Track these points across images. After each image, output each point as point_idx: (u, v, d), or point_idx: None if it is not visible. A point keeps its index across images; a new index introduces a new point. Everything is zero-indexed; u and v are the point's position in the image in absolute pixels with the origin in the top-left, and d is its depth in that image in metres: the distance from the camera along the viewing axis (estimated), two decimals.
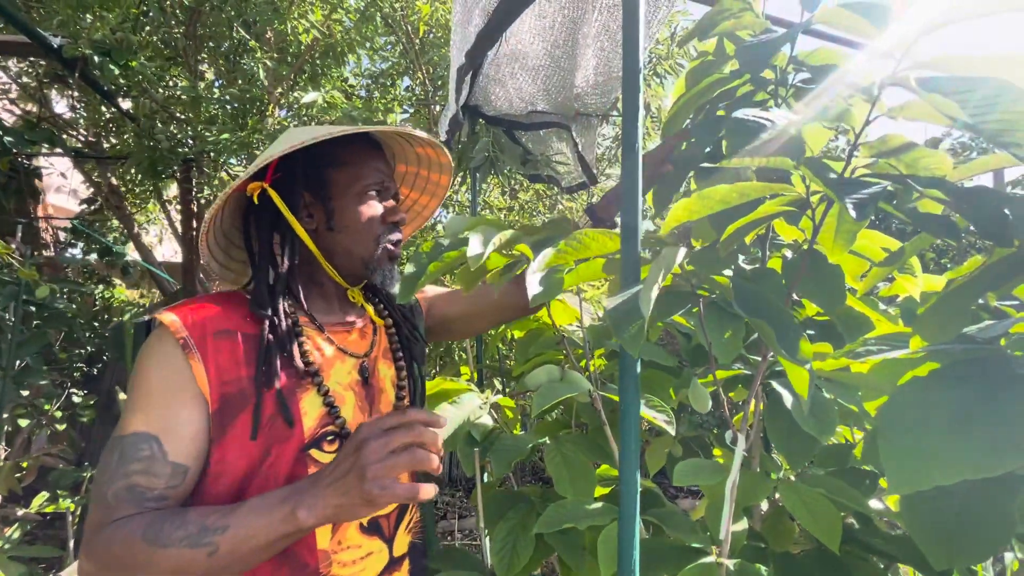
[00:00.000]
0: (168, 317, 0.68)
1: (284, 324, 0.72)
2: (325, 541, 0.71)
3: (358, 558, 0.73)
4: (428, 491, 0.58)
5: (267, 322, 0.70)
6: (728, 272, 0.82)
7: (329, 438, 0.72)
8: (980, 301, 0.75)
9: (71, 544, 1.89)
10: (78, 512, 1.89)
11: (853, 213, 0.34)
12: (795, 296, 0.91)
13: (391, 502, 0.57)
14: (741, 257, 0.90)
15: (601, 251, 0.43)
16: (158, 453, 0.63)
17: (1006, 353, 0.51)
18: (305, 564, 0.70)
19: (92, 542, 0.60)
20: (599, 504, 0.67)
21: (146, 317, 0.70)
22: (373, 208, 0.79)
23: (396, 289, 0.80)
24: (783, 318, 0.41)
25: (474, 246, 0.43)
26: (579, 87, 1.33)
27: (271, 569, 0.69)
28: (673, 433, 0.61)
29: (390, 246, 0.80)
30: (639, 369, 0.91)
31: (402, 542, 0.80)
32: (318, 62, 2.60)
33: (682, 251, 0.38)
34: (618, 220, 0.87)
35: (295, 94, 2.31)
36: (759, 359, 0.70)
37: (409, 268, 0.52)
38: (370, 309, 0.88)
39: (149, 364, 0.66)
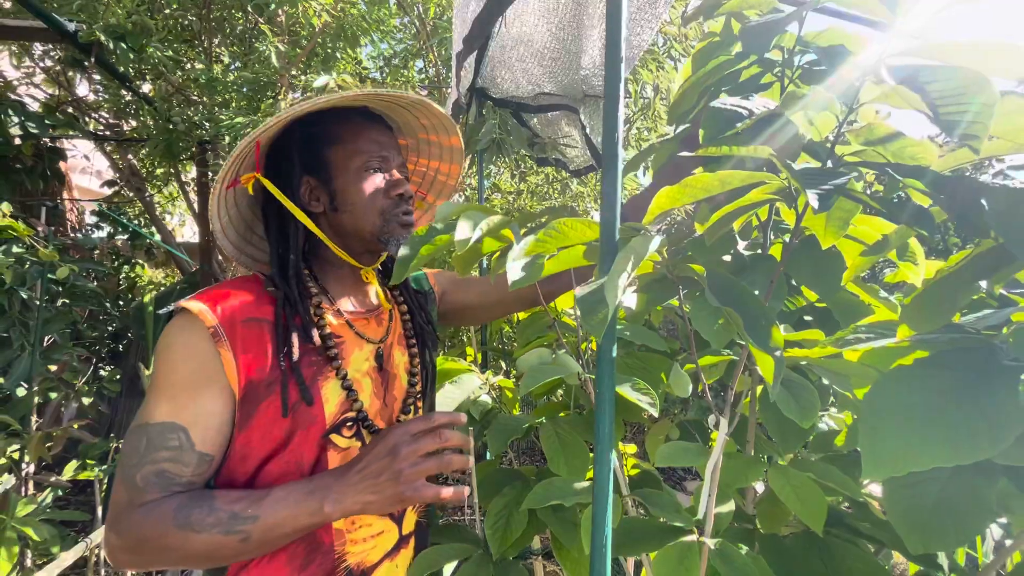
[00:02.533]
0: (196, 306, 0.68)
1: (304, 310, 0.73)
2: (340, 521, 0.73)
3: (370, 536, 0.76)
4: (454, 493, 0.63)
5: (282, 308, 0.72)
6: (727, 258, 0.82)
7: (348, 424, 0.74)
8: (983, 286, 0.74)
9: (99, 510, 2.01)
10: (105, 480, 2.00)
11: (815, 204, 0.34)
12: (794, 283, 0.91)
13: (420, 502, 0.62)
14: (743, 243, 0.90)
15: (580, 239, 0.44)
16: (186, 443, 0.65)
17: (992, 343, 0.51)
18: (321, 542, 0.72)
19: (121, 522, 0.62)
20: (587, 483, 0.69)
21: (172, 307, 0.70)
22: (374, 183, 0.78)
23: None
24: (754, 306, 0.42)
25: (461, 231, 0.44)
26: (586, 69, 1.32)
27: (291, 546, 0.71)
28: (656, 415, 0.63)
29: (401, 215, 0.79)
30: (632, 352, 0.92)
31: (410, 521, 0.83)
32: (330, 45, 2.60)
33: (656, 240, 0.39)
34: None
35: (307, 77, 2.32)
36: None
37: (402, 251, 0.54)
38: (381, 295, 0.88)
39: (176, 352, 0.67)
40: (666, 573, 0.54)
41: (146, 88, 2.94)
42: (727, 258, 0.81)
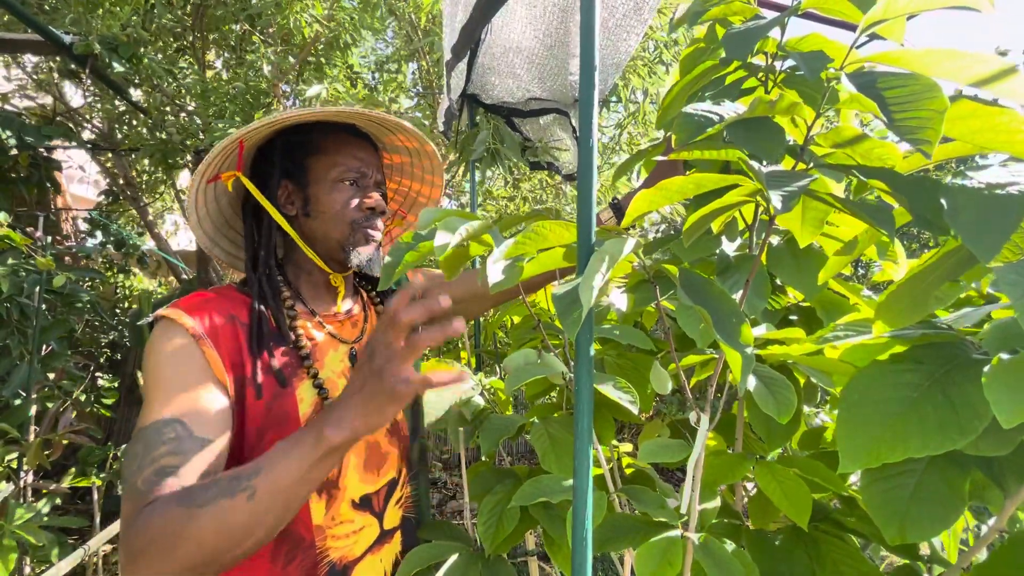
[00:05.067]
0: (173, 312, 0.70)
1: (277, 311, 0.76)
2: (320, 517, 0.75)
3: (351, 532, 0.77)
4: (448, 376, 0.56)
5: (256, 304, 0.74)
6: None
7: None
8: (974, 286, 0.76)
9: (98, 517, 2.01)
10: (104, 487, 2.01)
11: (778, 205, 0.36)
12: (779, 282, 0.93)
13: (414, 393, 0.56)
14: (733, 243, 0.91)
15: (559, 241, 0.46)
16: (183, 433, 0.62)
17: (962, 338, 0.52)
18: (301, 538, 0.74)
19: (128, 532, 0.57)
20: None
21: (150, 318, 0.72)
22: (347, 195, 0.81)
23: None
24: (725, 305, 0.43)
25: (440, 237, 0.46)
26: (574, 74, 1.34)
27: (272, 545, 0.72)
28: (636, 412, 0.64)
29: (367, 230, 0.82)
30: (624, 352, 0.94)
31: (392, 516, 0.84)
32: (322, 54, 2.63)
33: (631, 242, 0.40)
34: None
35: (300, 86, 2.34)
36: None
37: (387, 258, 0.56)
38: (365, 296, 0.91)
39: (161, 355, 0.67)
40: (650, 568, 0.56)
41: (139, 95, 2.95)
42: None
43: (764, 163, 0.43)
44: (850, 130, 0.48)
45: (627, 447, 1.18)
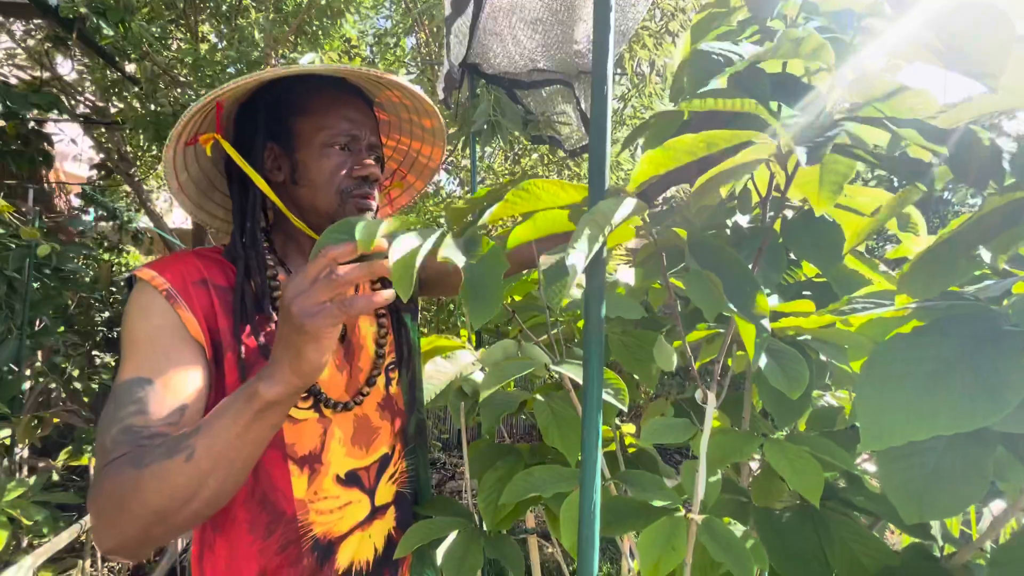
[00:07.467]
0: (147, 272, 0.68)
1: (261, 281, 0.73)
2: (302, 491, 0.73)
3: (336, 508, 0.75)
4: (365, 302, 0.52)
5: (243, 275, 0.71)
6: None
7: (303, 395, 0.72)
8: (987, 261, 0.73)
9: None
10: None
11: (803, 158, 0.32)
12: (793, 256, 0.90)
13: (329, 324, 0.52)
14: (745, 216, 0.88)
15: (554, 203, 0.42)
16: (152, 392, 0.61)
17: (991, 309, 0.49)
18: (283, 511, 0.72)
19: (92, 490, 0.58)
20: (567, 471, 0.68)
21: (127, 274, 0.71)
22: (337, 161, 0.75)
23: None
24: (738, 272, 0.40)
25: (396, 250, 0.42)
26: (580, 43, 1.29)
27: (252, 516, 0.71)
28: (625, 409, 0.60)
29: (360, 199, 0.76)
30: (629, 330, 0.91)
31: (385, 492, 0.82)
32: (316, 22, 2.54)
33: (629, 202, 0.36)
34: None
35: (294, 55, 2.27)
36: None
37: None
38: None
39: (135, 316, 0.66)
40: (653, 554, 0.53)
41: (131, 68, 2.87)
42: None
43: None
44: (882, 84, 0.44)
45: (630, 427, 1.17)
